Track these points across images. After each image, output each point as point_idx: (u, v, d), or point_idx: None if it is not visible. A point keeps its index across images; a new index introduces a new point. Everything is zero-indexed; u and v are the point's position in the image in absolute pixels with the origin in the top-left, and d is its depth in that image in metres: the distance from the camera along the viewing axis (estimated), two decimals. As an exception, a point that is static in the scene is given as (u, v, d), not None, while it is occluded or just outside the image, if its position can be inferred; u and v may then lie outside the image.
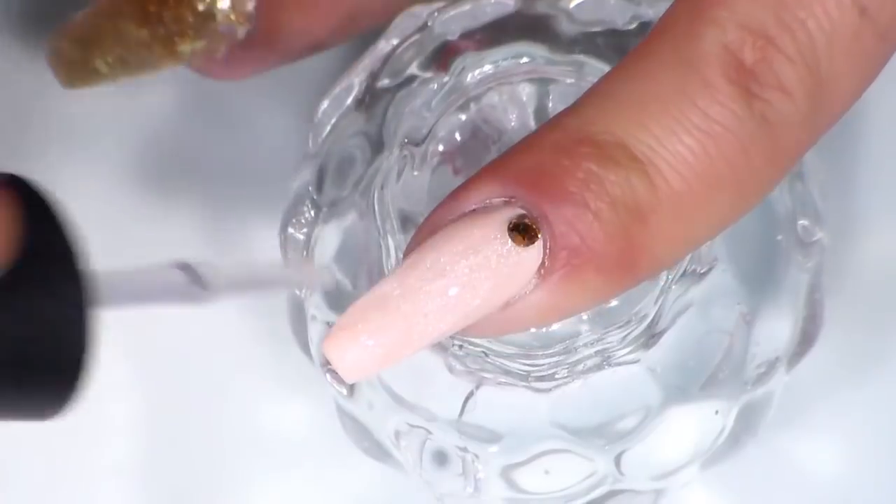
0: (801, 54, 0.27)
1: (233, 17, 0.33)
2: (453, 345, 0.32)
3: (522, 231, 0.27)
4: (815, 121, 0.27)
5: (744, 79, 0.27)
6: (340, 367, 0.27)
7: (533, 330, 0.32)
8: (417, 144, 0.33)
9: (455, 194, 0.28)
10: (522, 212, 0.27)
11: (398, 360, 0.27)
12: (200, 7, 0.33)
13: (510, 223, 0.27)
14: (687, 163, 0.27)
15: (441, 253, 0.27)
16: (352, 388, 0.34)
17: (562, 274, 0.27)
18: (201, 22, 0.33)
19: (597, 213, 0.27)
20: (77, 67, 0.35)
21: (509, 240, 0.27)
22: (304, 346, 0.35)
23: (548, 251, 0.27)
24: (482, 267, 0.27)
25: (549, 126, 0.28)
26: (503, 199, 0.27)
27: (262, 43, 0.34)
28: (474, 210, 0.27)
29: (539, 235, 0.27)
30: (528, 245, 0.27)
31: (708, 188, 0.27)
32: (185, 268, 0.26)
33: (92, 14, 0.34)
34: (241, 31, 0.34)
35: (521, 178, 0.27)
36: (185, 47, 0.33)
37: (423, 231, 0.28)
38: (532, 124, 0.33)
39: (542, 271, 0.27)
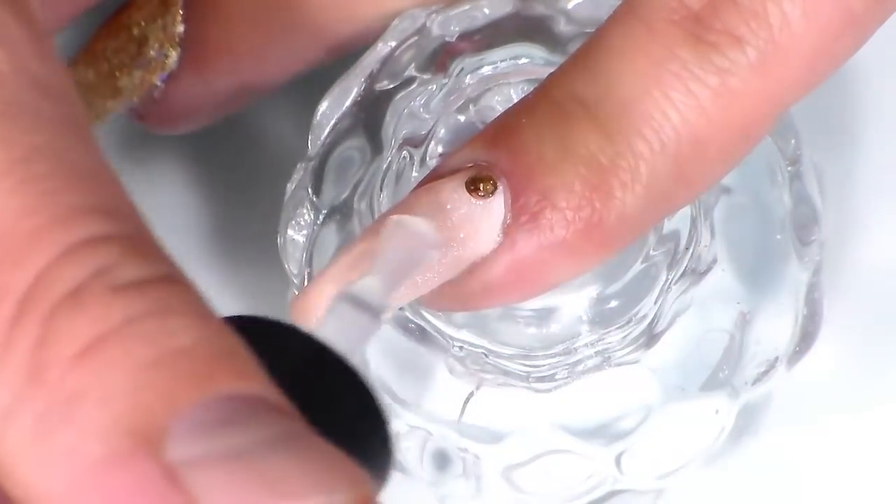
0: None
1: (163, 39, 0.34)
2: (453, 346, 0.33)
3: (478, 184, 0.27)
4: (769, 69, 0.27)
5: (689, 24, 0.27)
6: (308, 324, 0.27)
7: (532, 330, 0.32)
8: (417, 146, 0.33)
9: (434, 167, 0.29)
10: (480, 169, 0.27)
11: None
12: (135, 31, 0.34)
13: (468, 179, 0.27)
14: (634, 109, 0.27)
15: (402, 210, 0.28)
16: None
17: (523, 228, 0.27)
18: (136, 48, 0.34)
19: (553, 164, 0.27)
20: None
21: (468, 195, 0.27)
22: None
23: (509, 207, 0.27)
24: (442, 222, 0.27)
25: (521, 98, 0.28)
26: (471, 163, 0.28)
27: (191, 69, 0.34)
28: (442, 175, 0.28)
29: (496, 189, 0.27)
30: (484, 198, 0.27)
31: (658, 133, 0.27)
32: (352, 299, 0.26)
33: None
34: (173, 58, 0.34)
35: (486, 140, 0.28)
36: (124, 81, 0.34)
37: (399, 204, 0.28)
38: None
39: (506, 229, 0.27)
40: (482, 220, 0.27)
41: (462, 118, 0.33)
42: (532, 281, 0.28)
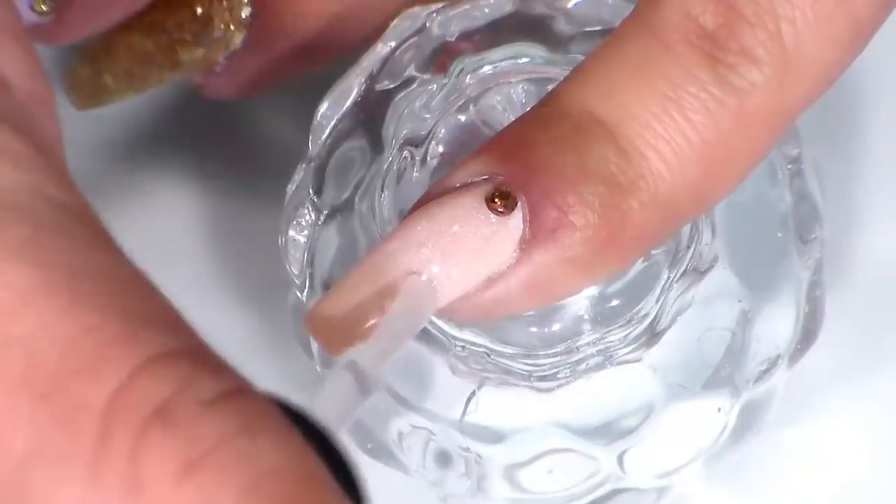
0: (761, 18, 0.27)
1: (229, 21, 0.34)
2: (455, 345, 0.33)
3: (499, 201, 0.27)
4: (784, 87, 0.27)
5: (706, 44, 0.27)
6: (322, 342, 0.27)
7: (534, 329, 0.32)
8: (417, 146, 0.33)
9: (443, 177, 0.28)
10: (500, 184, 0.27)
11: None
12: (199, 10, 0.34)
13: (488, 194, 0.27)
14: (654, 130, 0.27)
15: (419, 225, 0.27)
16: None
17: (542, 245, 0.27)
18: (199, 27, 0.34)
19: (572, 182, 0.27)
20: (87, 86, 0.35)
21: (487, 210, 0.27)
22: (306, 347, 0.35)
23: (527, 223, 0.27)
24: (460, 237, 0.27)
25: (531, 108, 0.28)
26: (485, 176, 0.28)
27: (257, 49, 0.34)
28: (457, 187, 0.28)
29: (517, 205, 0.27)
30: (505, 214, 0.27)
31: (677, 155, 0.27)
32: (352, 368, 0.26)
33: (106, 32, 0.35)
34: (238, 39, 0.34)
35: (500, 153, 0.28)
36: (185, 56, 0.34)
37: (410, 212, 0.28)
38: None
39: (523, 245, 0.27)
40: (501, 235, 0.27)
41: (462, 118, 0.33)
42: (544, 294, 0.28)
